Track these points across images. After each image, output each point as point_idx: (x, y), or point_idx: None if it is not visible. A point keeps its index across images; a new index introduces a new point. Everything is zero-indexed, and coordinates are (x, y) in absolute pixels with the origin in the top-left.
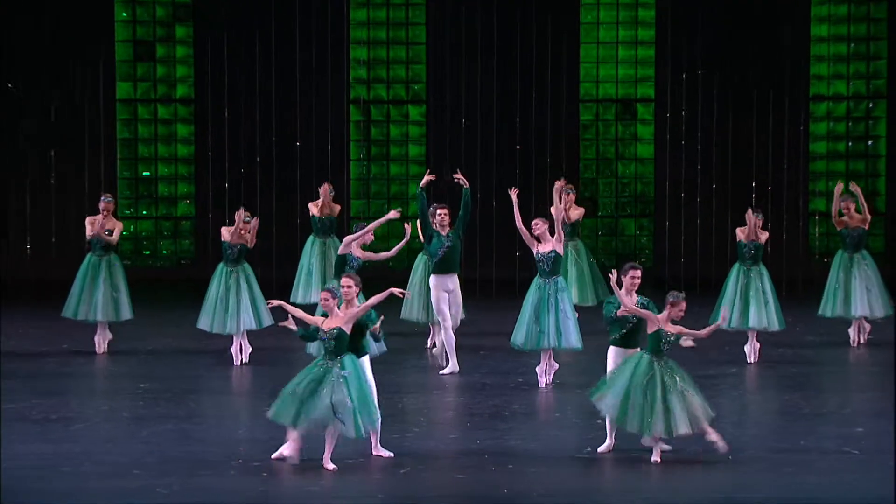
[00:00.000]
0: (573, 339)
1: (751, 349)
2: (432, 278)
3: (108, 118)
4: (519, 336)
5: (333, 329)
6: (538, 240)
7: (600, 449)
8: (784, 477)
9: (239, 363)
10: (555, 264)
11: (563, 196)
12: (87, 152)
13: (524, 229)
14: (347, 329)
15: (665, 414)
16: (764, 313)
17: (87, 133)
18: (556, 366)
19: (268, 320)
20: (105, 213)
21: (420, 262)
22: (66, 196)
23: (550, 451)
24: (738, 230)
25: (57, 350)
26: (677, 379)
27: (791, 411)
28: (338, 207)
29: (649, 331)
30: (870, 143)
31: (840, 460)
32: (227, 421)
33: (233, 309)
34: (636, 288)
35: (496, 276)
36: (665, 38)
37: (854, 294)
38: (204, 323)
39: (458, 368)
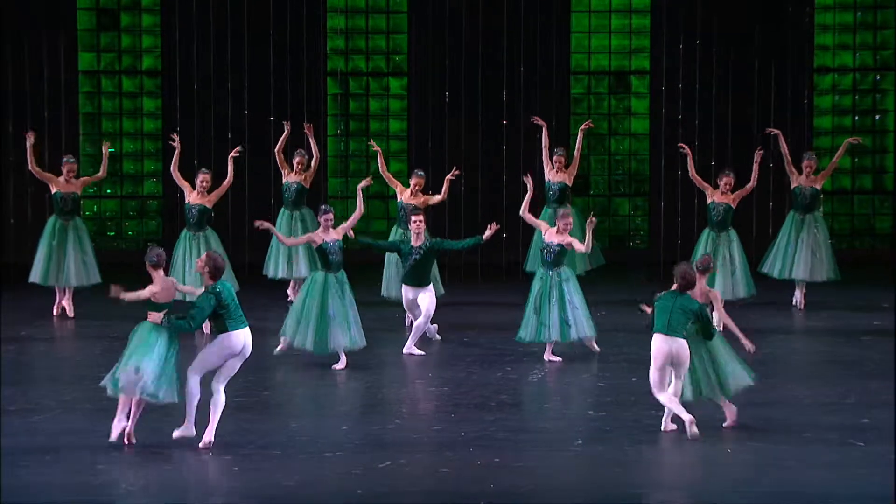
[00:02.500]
0: (585, 328)
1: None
2: (403, 287)
3: (69, 91)
4: (521, 330)
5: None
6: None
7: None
8: (786, 471)
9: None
10: (558, 256)
11: (552, 158)
12: (48, 127)
13: (530, 217)
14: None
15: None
16: (730, 283)
17: (48, 107)
18: (558, 360)
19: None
20: (69, 175)
21: (394, 236)
22: (25, 173)
23: (539, 444)
24: (708, 192)
25: (15, 336)
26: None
27: (793, 402)
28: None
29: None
30: (877, 117)
31: (845, 453)
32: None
33: (196, 277)
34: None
35: (482, 260)
36: (661, 6)
37: (798, 256)
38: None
39: (412, 351)
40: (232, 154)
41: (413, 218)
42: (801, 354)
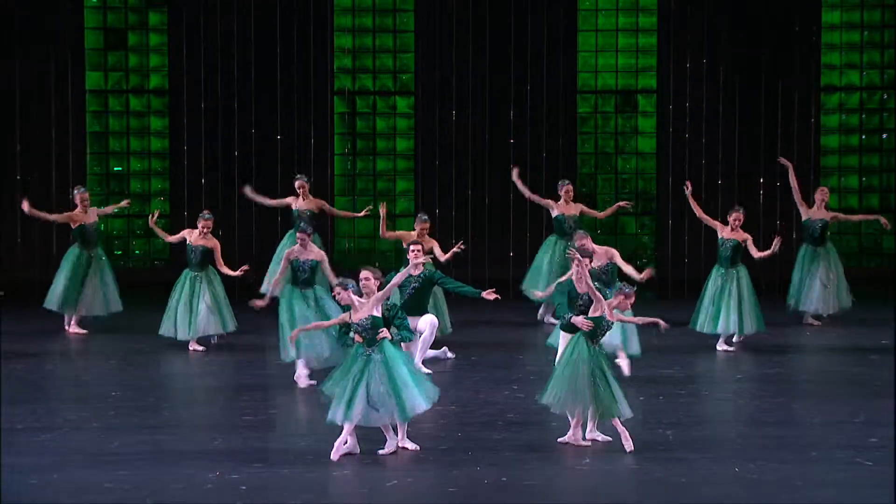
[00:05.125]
0: (635, 346)
1: (721, 348)
2: None
3: (77, 110)
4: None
5: (367, 318)
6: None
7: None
8: (794, 490)
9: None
10: (613, 276)
11: (561, 188)
12: (55, 146)
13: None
14: (378, 313)
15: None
16: (735, 318)
17: (55, 126)
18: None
19: (231, 325)
20: (83, 205)
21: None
22: (32, 192)
23: (547, 463)
24: (718, 228)
25: (23, 355)
26: (605, 366)
27: (801, 420)
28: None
29: (592, 313)
30: (884, 136)
31: (853, 472)
32: (202, 431)
33: (195, 313)
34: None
35: (489, 277)
36: (668, 25)
37: (812, 290)
38: (166, 329)
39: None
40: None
41: (412, 248)
42: (809, 373)
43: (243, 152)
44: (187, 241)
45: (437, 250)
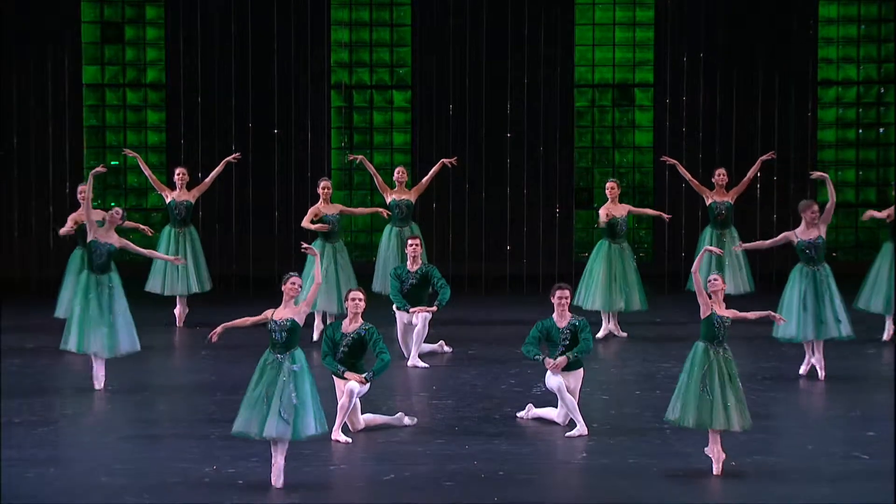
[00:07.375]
0: (849, 326)
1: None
2: (398, 312)
3: (73, 104)
4: (789, 329)
5: (286, 320)
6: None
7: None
8: (790, 484)
9: (181, 324)
10: (820, 251)
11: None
12: (52, 140)
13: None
14: (301, 320)
15: (724, 408)
16: (739, 278)
17: (52, 120)
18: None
19: (209, 285)
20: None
21: (388, 232)
22: (29, 186)
23: (543, 457)
24: (706, 194)
25: (19, 349)
26: (735, 370)
27: (797, 415)
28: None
29: (702, 316)
30: (881, 130)
31: (849, 466)
32: (200, 425)
33: (181, 271)
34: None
35: (486, 272)
36: (665, 19)
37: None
38: (154, 285)
39: (416, 363)
40: (229, 158)
41: (410, 242)
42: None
43: (240, 146)
44: (168, 199)
45: (422, 182)
